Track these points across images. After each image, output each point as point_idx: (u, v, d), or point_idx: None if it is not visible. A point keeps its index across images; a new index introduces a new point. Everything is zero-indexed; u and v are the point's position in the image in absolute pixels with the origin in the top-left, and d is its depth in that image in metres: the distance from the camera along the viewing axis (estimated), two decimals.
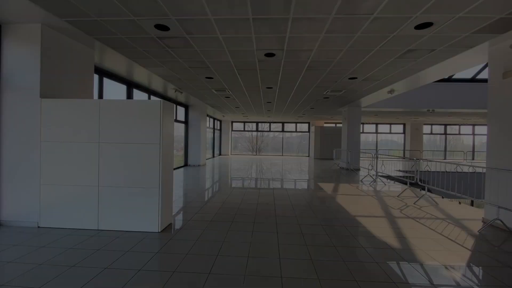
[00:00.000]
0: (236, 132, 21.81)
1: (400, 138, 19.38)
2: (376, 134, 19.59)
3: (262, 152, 21.91)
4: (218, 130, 19.03)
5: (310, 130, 19.95)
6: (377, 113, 13.68)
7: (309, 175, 9.84)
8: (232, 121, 20.44)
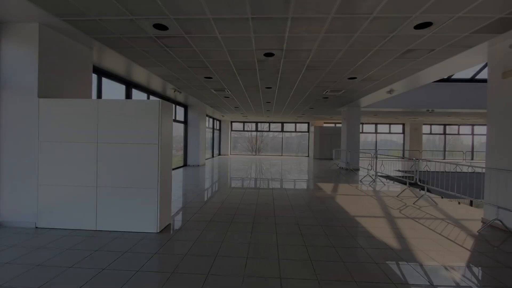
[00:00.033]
0: (235, 132, 21.80)
1: (399, 138, 19.40)
2: (375, 134, 19.60)
3: (262, 152, 21.90)
4: (218, 130, 19.02)
5: (309, 130, 19.97)
6: (376, 113, 13.68)
7: (308, 175, 9.83)
8: (232, 121, 20.43)
